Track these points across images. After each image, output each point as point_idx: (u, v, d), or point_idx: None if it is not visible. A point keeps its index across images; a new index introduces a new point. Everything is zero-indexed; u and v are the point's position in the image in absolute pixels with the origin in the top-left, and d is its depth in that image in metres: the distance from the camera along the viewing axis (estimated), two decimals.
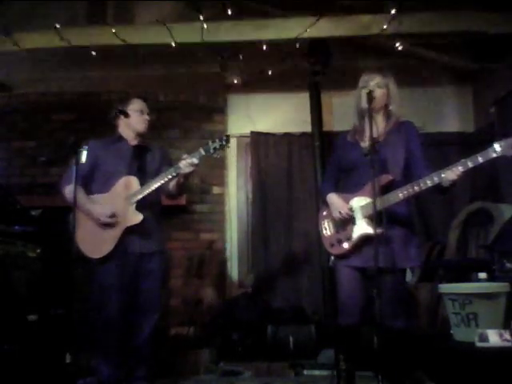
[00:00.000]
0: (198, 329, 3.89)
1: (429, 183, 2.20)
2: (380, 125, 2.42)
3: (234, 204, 4.62)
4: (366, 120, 2.40)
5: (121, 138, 2.89)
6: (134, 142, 2.90)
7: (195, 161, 2.60)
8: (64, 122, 4.57)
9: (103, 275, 2.72)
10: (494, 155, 2.08)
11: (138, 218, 2.69)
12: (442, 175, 2.16)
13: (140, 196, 2.70)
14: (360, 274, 2.39)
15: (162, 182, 2.69)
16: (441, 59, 4.28)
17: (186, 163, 2.60)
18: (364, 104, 2.32)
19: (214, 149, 2.60)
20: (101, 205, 2.72)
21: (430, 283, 3.54)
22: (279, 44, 3.69)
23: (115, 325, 2.70)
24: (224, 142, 2.60)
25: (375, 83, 2.38)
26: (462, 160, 2.14)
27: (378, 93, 2.36)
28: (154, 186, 2.69)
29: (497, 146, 2.07)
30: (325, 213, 2.56)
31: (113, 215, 2.68)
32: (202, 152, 2.61)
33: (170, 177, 2.68)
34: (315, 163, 4.18)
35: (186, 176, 2.71)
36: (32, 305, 3.13)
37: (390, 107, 2.42)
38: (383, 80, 2.40)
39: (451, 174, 2.14)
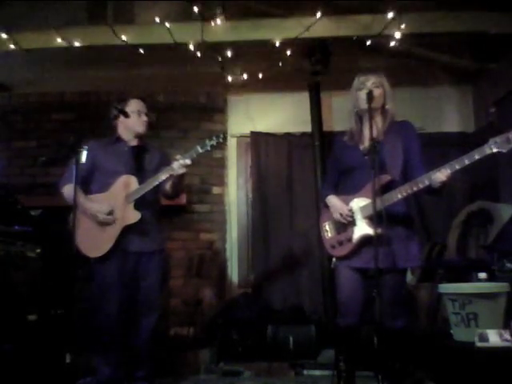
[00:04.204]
0: (197, 329, 3.89)
1: (420, 185, 2.21)
2: (378, 125, 2.42)
3: (234, 204, 4.62)
4: (365, 121, 2.42)
5: (119, 139, 2.90)
6: (132, 142, 2.90)
7: (187, 162, 2.60)
8: (64, 122, 4.57)
9: (102, 274, 2.73)
10: (490, 151, 2.07)
11: (136, 216, 2.70)
12: (432, 177, 2.16)
13: (138, 195, 2.71)
14: (361, 274, 2.39)
15: (157, 182, 2.70)
16: (441, 59, 4.28)
17: (179, 164, 2.60)
18: (364, 105, 2.33)
19: (211, 146, 2.60)
20: (99, 203, 2.73)
21: (429, 283, 3.54)
22: (279, 44, 3.69)
23: (115, 324, 2.70)
24: (221, 139, 2.61)
25: (371, 83, 2.39)
26: (451, 162, 2.15)
27: (376, 92, 2.36)
28: (150, 186, 2.70)
29: (492, 143, 2.07)
30: (325, 215, 2.55)
31: (110, 212, 2.69)
32: (199, 149, 2.61)
33: (163, 178, 2.69)
34: (315, 163, 4.18)
35: (179, 177, 2.71)
36: (32, 305, 3.12)
37: (387, 106, 2.43)
38: (378, 79, 2.41)
39: (440, 175, 2.15)
